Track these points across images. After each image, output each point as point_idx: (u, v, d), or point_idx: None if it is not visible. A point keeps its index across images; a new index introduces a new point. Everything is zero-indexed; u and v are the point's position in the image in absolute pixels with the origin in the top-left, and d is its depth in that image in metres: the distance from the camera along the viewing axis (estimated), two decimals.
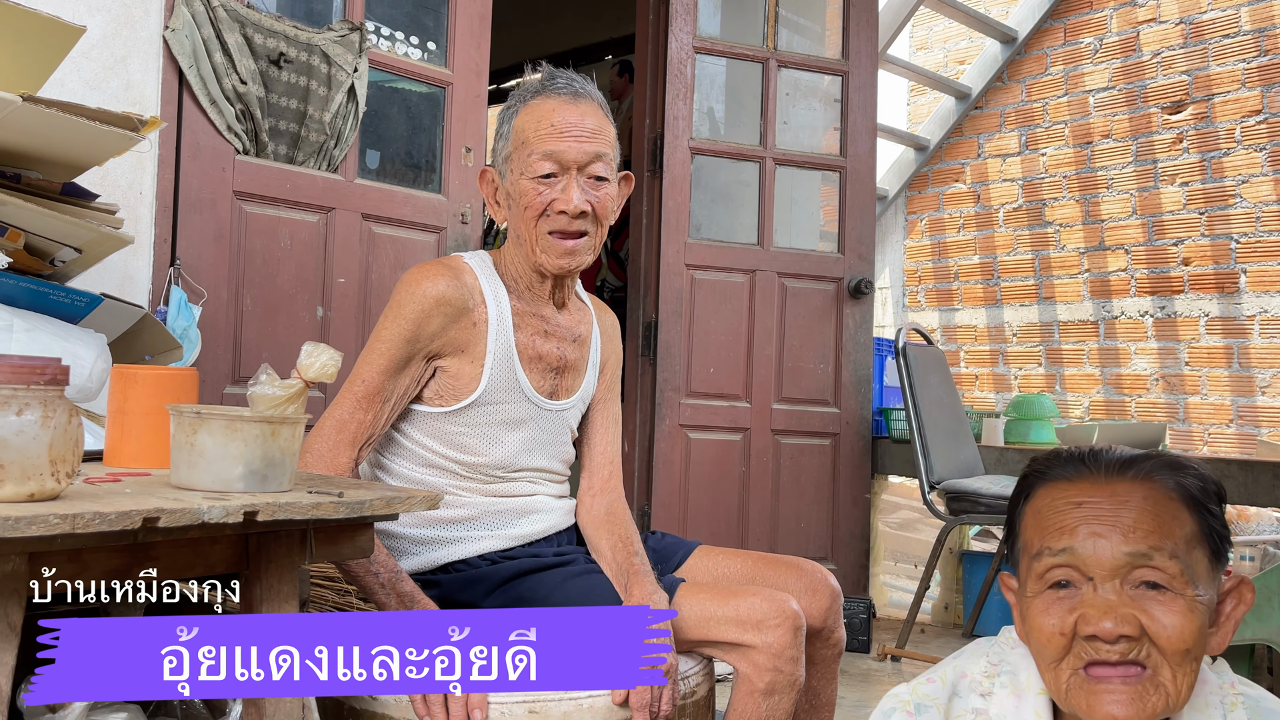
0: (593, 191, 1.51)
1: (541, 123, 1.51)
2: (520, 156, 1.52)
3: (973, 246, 5.51)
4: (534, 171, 1.50)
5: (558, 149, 1.49)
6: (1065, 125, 5.18)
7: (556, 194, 1.50)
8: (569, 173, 1.50)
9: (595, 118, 1.53)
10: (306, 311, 2.60)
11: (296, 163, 2.60)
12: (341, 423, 1.46)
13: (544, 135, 1.50)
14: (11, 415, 0.89)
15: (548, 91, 1.53)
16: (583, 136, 1.50)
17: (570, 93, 1.53)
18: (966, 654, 1.11)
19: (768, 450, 3.58)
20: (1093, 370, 5.03)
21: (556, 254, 1.52)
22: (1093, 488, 0.99)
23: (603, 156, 1.52)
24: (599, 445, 1.74)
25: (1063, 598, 0.97)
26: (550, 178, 1.50)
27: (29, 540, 0.88)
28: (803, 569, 1.63)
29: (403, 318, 1.49)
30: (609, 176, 1.53)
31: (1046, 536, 0.99)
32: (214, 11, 2.37)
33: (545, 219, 1.51)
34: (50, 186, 1.67)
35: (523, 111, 1.54)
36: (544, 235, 1.52)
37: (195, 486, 1.06)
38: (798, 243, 3.90)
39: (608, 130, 1.55)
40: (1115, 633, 0.93)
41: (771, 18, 3.72)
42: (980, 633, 3.70)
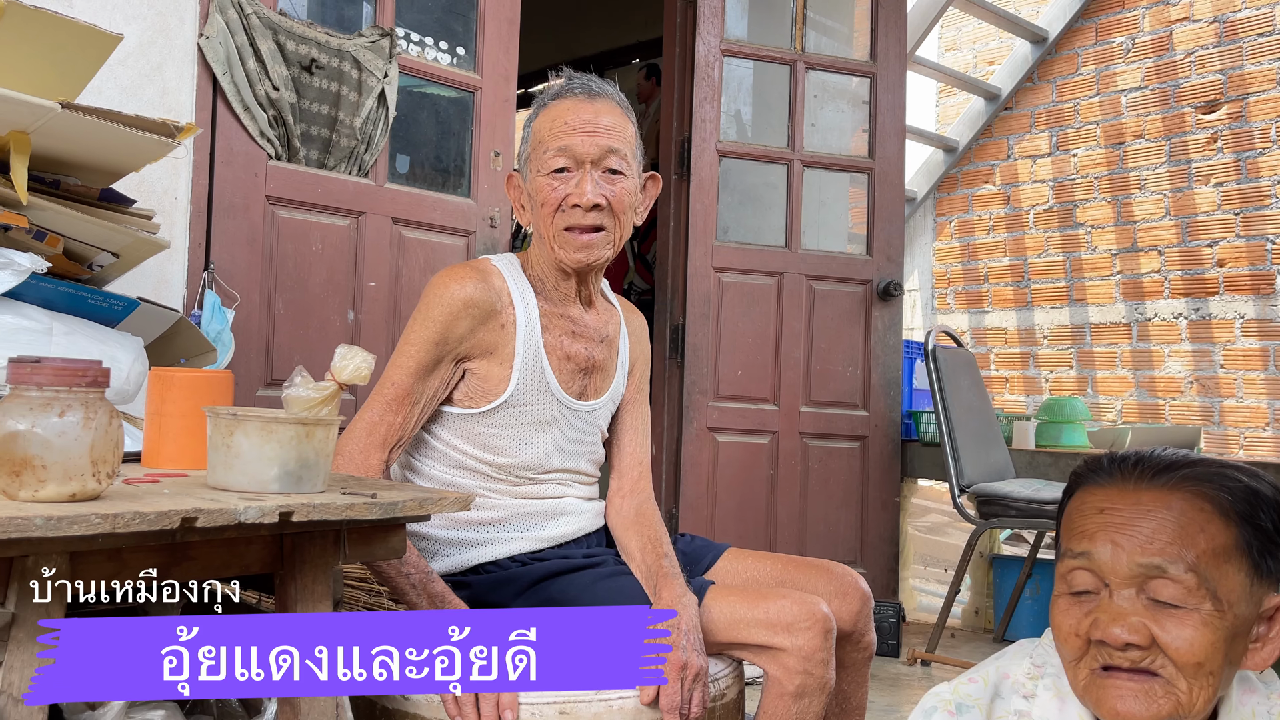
0: (607, 186, 1.52)
1: (556, 121, 1.53)
2: (537, 155, 1.55)
3: (1003, 248, 5.47)
4: (549, 167, 1.52)
5: (570, 144, 1.51)
6: (1097, 126, 5.13)
7: (570, 188, 1.51)
8: (583, 167, 1.51)
9: (611, 115, 1.54)
10: (337, 315, 2.62)
11: (328, 168, 2.62)
12: (372, 425, 1.47)
13: (558, 132, 1.52)
14: (54, 417, 0.91)
15: (565, 94, 1.56)
16: (596, 131, 1.52)
17: (586, 93, 1.55)
18: (1009, 655, 1.10)
19: (796, 453, 3.57)
20: (1125, 373, 4.98)
21: (573, 249, 1.53)
22: (1119, 495, 0.99)
23: (617, 151, 1.53)
24: (628, 446, 1.74)
25: (1082, 600, 0.99)
26: (564, 172, 1.52)
27: (70, 540, 0.89)
28: (833, 572, 1.62)
29: (431, 320, 1.50)
30: (625, 171, 1.54)
31: (1070, 539, 1.01)
32: (247, 19, 2.40)
33: (560, 214, 1.53)
34: (88, 192, 1.70)
35: (541, 114, 1.57)
36: (560, 231, 1.53)
37: (231, 487, 1.07)
38: (826, 245, 3.88)
39: (625, 127, 1.56)
40: (1123, 640, 0.94)
41: (799, 20, 3.71)
42: (1011, 637, 3.67)
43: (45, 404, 0.91)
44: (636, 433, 1.75)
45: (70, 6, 2.10)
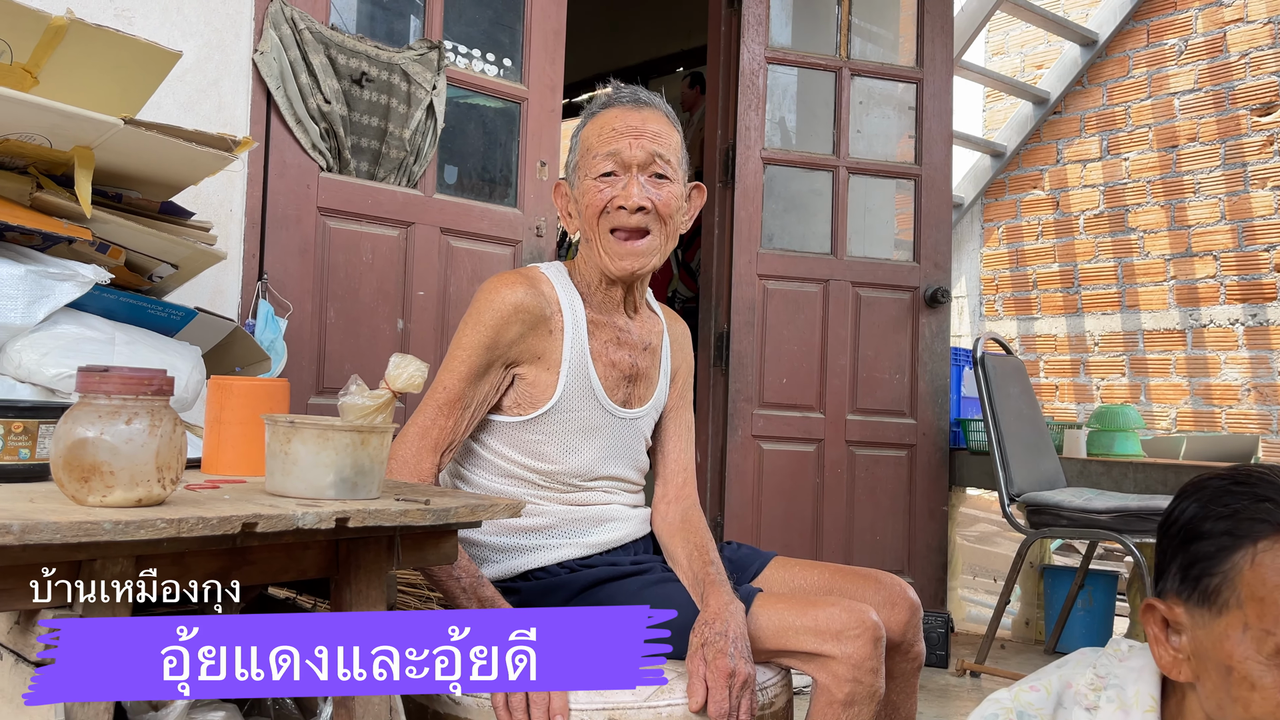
0: (653, 189, 1.54)
1: (604, 128, 1.56)
2: (585, 161, 1.57)
3: (1052, 254, 5.40)
4: (596, 171, 1.55)
5: (617, 147, 1.53)
6: (1149, 129, 5.04)
7: (617, 191, 1.54)
8: (629, 171, 1.54)
9: (658, 123, 1.57)
10: (387, 324, 2.66)
11: (378, 179, 2.66)
12: (424, 430, 1.49)
13: (605, 137, 1.55)
14: (121, 424, 0.93)
15: (613, 103, 1.59)
16: (643, 136, 1.54)
17: (633, 102, 1.58)
18: (1071, 664, 1.08)
19: (842, 461, 3.55)
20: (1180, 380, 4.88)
21: (619, 255, 1.55)
22: None
23: (663, 156, 1.55)
24: (672, 453, 1.75)
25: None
26: (611, 176, 1.54)
27: (137, 544, 0.92)
28: (881, 581, 1.61)
29: (482, 325, 1.52)
30: (671, 176, 1.56)
31: (1266, 618, 0.91)
32: (300, 34, 2.45)
33: (606, 216, 1.55)
34: (149, 205, 1.75)
35: (589, 123, 1.60)
36: (606, 234, 1.55)
37: (289, 493, 1.10)
38: (872, 252, 3.86)
39: (671, 134, 1.58)
40: None
41: (844, 26, 3.70)
42: (1063, 649, 3.61)
43: (113, 412, 0.93)
44: (680, 439, 1.76)
45: (130, 24, 2.16)
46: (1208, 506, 0.99)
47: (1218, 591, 0.95)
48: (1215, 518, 0.97)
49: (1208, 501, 0.99)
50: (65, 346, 1.50)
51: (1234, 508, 0.97)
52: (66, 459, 0.93)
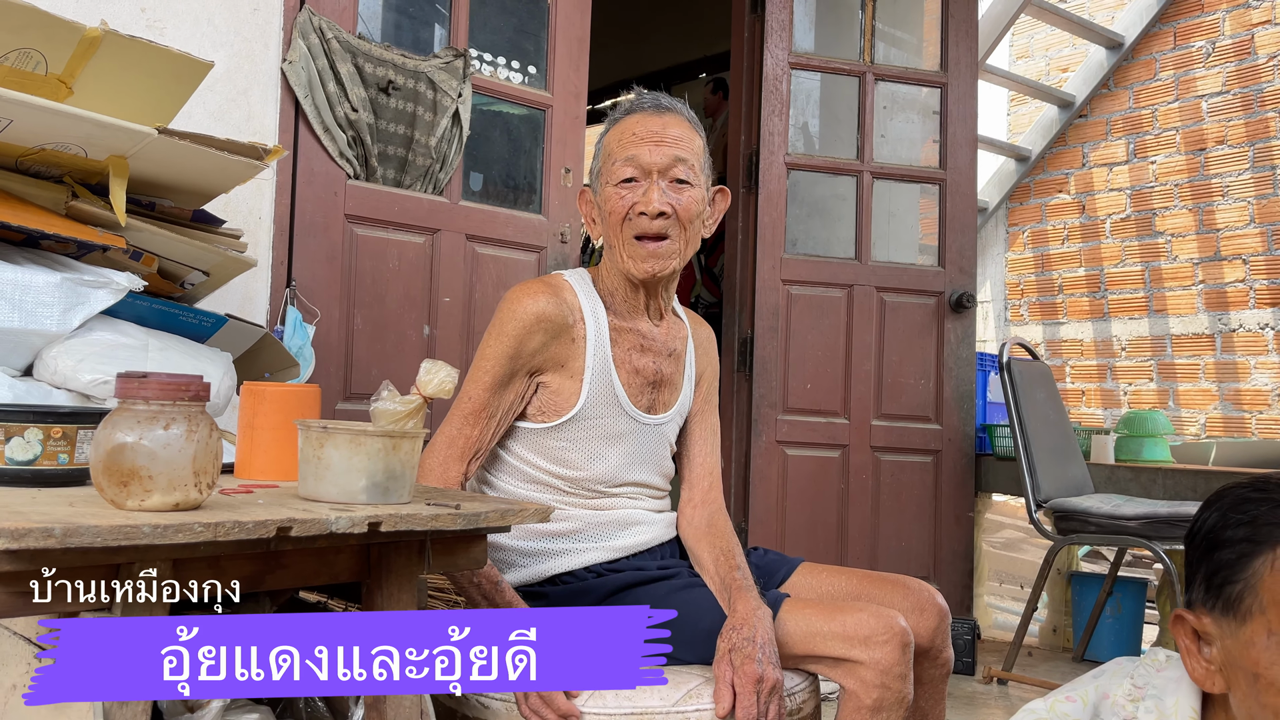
0: (674, 194, 1.55)
1: (625, 134, 1.57)
2: (607, 167, 1.58)
3: (1078, 258, 5.36)
4: (617, 177, 1.56)
5: (637, 153, 1.54)
6: (1176, 132, 5.00)
7: (637, 197, 1.54)
8: (650, 177, 1.55)
9: (679, 127, 1.57)
10: (414, 330, 2.68)
11: (404, 186, 2.68)
12: (451, 439, 1.51)
13: (626, 143, 1.56)
14: (159, 429, 0.95)
15: (635, 109, 1.60)
16: (663, 141, 1.55)
17: (655, 107, 1.59)
18: (1108, 673, 1.07)
19: (867, 467, 3.53)
20: (1209, 385, 4.83)
21: (641, 258, 1.56)
22: None
23: (684, 161, 1.55)
24: (698, 458, 1.75)
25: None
26: (632, 182, 1.55)
27: (174, 547, 0.93)
28: (909, 587, 1.61)
29: (505, 335, 1.53)
30: (691, 181, 1.57)
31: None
32: (328, 43, 2.48)
33: (628, 223, 1.56)
34: (181, 213, 1.77)
35: (612, 129, 1.61)
36: (629, 240, 1.56)
37: (321, 498, 1.11)
38: (896, 256, 3.85)
39: (693, 139, 1.58)
40: None
41: (868, 31, 3.69)
42: (1091, 657, 3.58)
43: (151, 417, 0.95)
44: (705, 444, 1.76)
45: (162, 35, 2.19)
46: (1227, 515, 0.99)
47: (1240, 598, 0.95)
48: (1235, 525, 0.97)
49: (1227, 510, 0.99)
50: (100, 353, 1.52)
51: (1253, 514, 0.97)
52: (106, 463, 0.94)
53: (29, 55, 1.55)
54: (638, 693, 1.36)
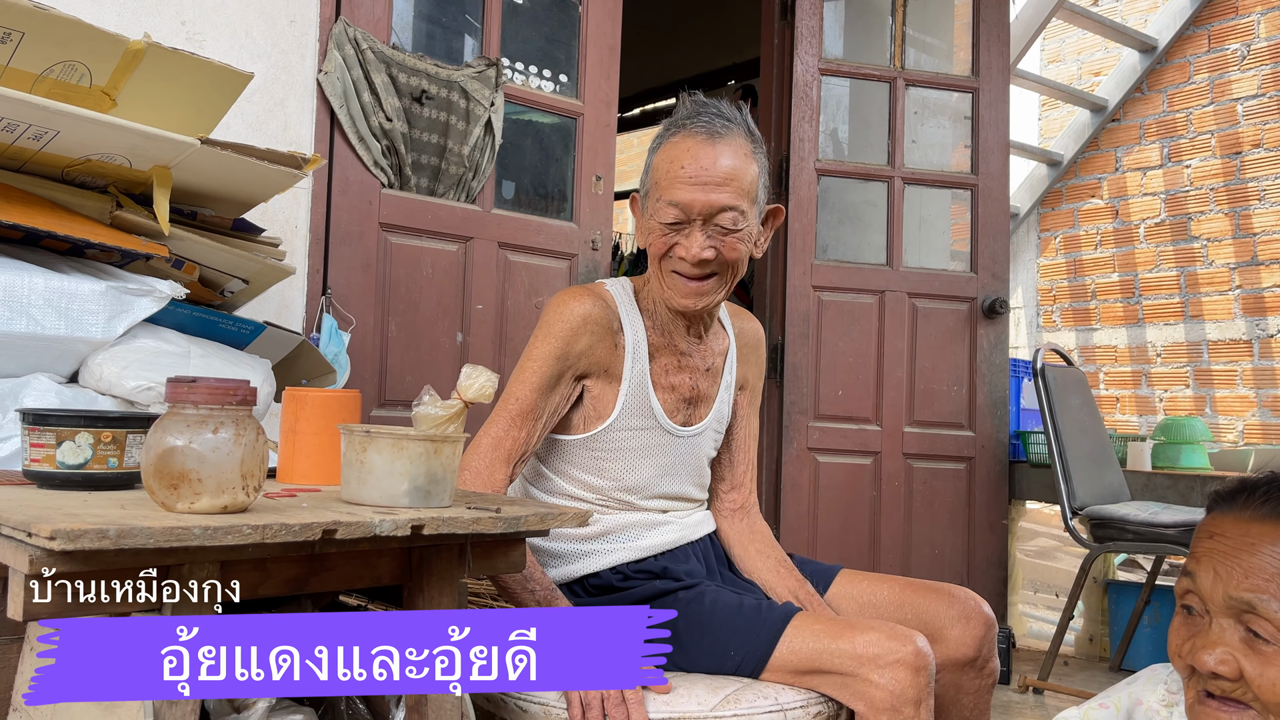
0: (719, 239, 1.48)
1: (674, 165, 1.48)
2: (653, 197, 1.52)
3: (1111, 264, 5.31)
4: (661, 217, 1.49)
5: (683, 199, 1.46)
6: (1211, 135, 4.95)
7: (680, 239, 1.49)
8: (694, 222, 1.48)
9: (731, 158, 1.47)
10: (447, 337, 2.70)
11: (437, 195, 2.71)
12: (497, 440, 1.49)
13: (673, 181, 1.47)
14: (208, 433, 0.96)
15: (687, 129, 1.49)
16: (710, 185, 1.45)
17: (708, 132, 1.48)
18: (1142, 680, 1.08)
19: (899, 474, 3.51)
20: (1247, 391, 4.76)
21: (681, 294, 1.52)
22: (1232, 524, 0.99)
23: (731, 209, 1.47)
24: (740, 463, 1.75)
25: (1188, 622, 1.00)
26: (676, 225, 1.49)
27: (223, 549, 0.94)
28: (954, 596, 1.57)
29: (553, 336, 1.52)
30: (738, 226, 1.49)
31: (1187, 560, 1.02)
32: (363, 54, 2.50)
33: (669, 260, 1.52)
34: (222, 222, 1.80)
35: (663, 148, 1.52)
36: (670, 274, 1.52)
37: (364, 501, 1.12)
38: (928, 262, 3.83)
39: (746, 171, 1.49)
40: (1208, 668, 0.94)
41: (899, 37, 3.68)
42: (1129, 667, 3.53)
43: (200, 421, 0.96)
44: (746, 448, 1.75)
45: (202, 47, 2.23)
46: None
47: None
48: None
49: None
50: (144, 360, 1.54)
51: (1208, 498, 1.09)
52: (157, 466, 0.96)
53: (74, 68, 1.58)
54: (675, 697, 1.36)
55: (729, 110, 1.53)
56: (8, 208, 1.48)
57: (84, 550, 0.85)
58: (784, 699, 1.39)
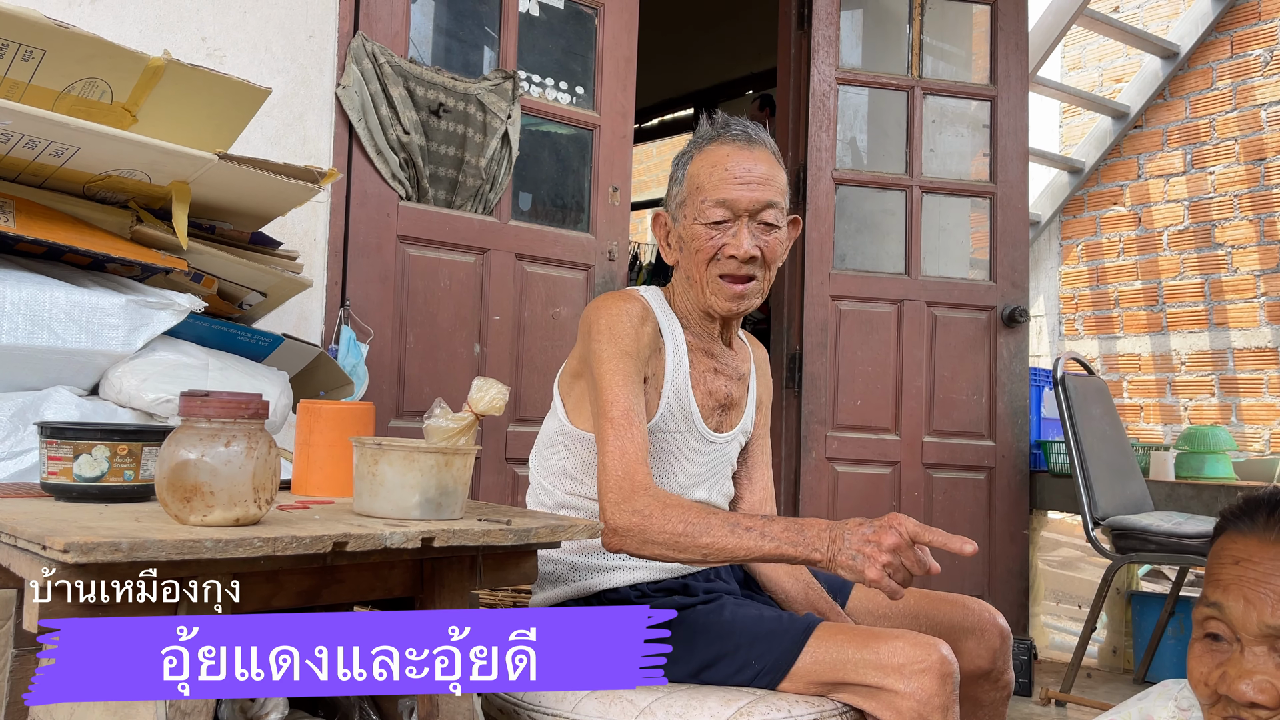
0: (763, 237, 1.53)
1: (716, 168, 1.53)
2: (694, 202, 1.55)
3: (1134, 271, 5.26)
4: (708, 218, 1.53)
5: (730, 196, 1.51)
6: (1235, 141, 4.90)
7: (728, 239, 1.52)
8: (740, 219, 1.52)
9: (767, 164, 1.54)
10: (464, 348, 2.71)
11: (454, 207, 2.72)
12: (637, 445, 1.43)
13: (718, 182, 1.52)
14: (221, 446, 0.97)
15: (722, 138, 1.56)
16: (754, 184, 1.52)
17: (744, 139, 1.55)
18: (1152, 696, 1.06)
19: (919, 484, 3.49)
20: (1273, 400, 4.71)
21: (725, 297, 1.55)
22: (1259, 547, 0.96)
23: (774, 204, 1.53)
24: (759, 481, 1.75)
25: (1214, 650, 0.97)
26: (723, 224, 1.53)
27: (234, 561, 0.95)
28: (969, 608, 1.58)
29: (619, 335, 1.49)
30: (779, 224, 1.55)
31: (1207, 586, 1.00)
32: (381, 68, 2.53)
33: (716, 263, 1.54)
34: (240, 236, 1.82)
35: (697, 158, 1.57)
36: (714, 279, 1.55)
37: (376, 514, 1.12)
38: (946, 271, 3.81)
39: (779, 177, 1.56)
40: (1248, 698, 0.92)
41: (916, 45, 3.68)
42: (1153, 679, 3.49)
43: (213, 435, 0.97)
44: (763, 466, 1.77)
45: (222, 63, 2.25)
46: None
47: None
48: (1214, 532, 1.05)
49: None
50: (163, 372, 1.56)
51: (1219, 517, 1.04)
52: (170, 480, 0.97)
53: (95, 85, 1.61)
54: (687, 710, 1.35)
55: (755, 126, 1.60)
56: (30, 223, 1.51)
57: (97, 563, 0.86)
58: (797, 711, 1.38)
